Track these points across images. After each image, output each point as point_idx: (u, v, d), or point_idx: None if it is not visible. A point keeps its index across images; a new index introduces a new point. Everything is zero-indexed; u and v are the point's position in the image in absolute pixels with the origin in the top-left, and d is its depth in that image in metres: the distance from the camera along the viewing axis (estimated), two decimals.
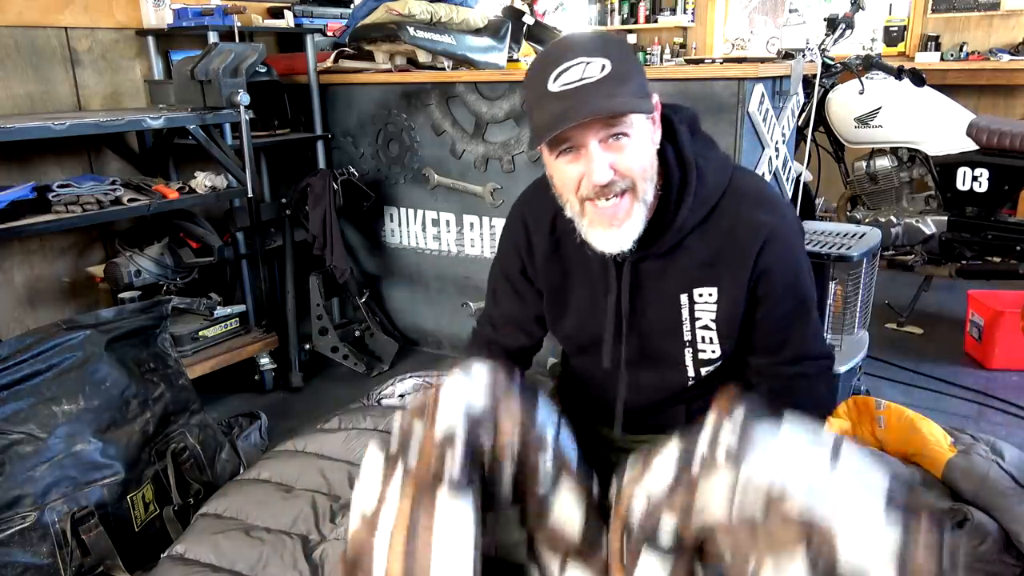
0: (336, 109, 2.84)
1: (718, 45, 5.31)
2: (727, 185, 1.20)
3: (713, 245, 1.19)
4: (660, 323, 1.26)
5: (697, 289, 1.22)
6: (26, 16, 2.33)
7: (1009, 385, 2.51)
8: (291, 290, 2.69)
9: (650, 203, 1.15)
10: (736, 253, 1.18)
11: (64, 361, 1.65)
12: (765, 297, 1.22)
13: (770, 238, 1.17)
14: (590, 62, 1.04)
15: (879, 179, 3.08)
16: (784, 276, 1.21)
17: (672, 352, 1.28)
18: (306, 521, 1.68)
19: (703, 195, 1.18)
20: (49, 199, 2.01)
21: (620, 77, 1.04)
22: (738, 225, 1.18)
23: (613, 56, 1.05)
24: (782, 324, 1.24)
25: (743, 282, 1.19)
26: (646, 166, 1.11)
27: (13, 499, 1.52)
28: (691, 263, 1.21)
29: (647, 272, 1.23)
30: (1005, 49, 4.10)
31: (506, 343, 1.44)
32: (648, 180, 1.13)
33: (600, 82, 1.03)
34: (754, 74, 2.03)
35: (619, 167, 1.08)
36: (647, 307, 1.25)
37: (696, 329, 1.25)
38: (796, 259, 1.23)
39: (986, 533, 1.54)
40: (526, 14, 3.01)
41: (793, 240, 1.23)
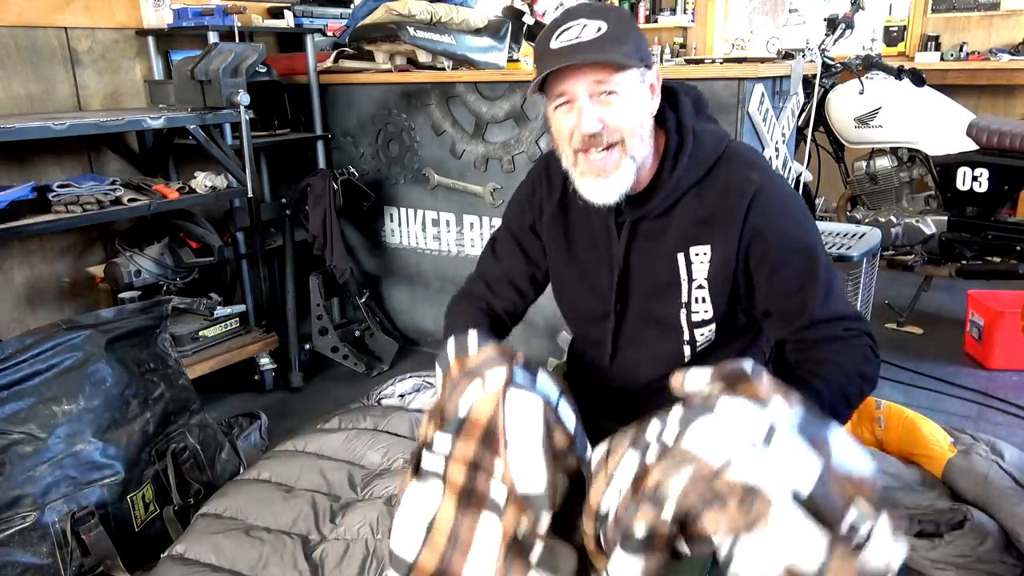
0: (336, 109, 2.84)
1: (718, 45, 5.31)
2: (723, 151, 1.25)
3: (708, 205, 1.24)
4: (658, 282, 1.30)
5: (693, 248, 1.26)
6: (26, 16, 2.33)
7: (1009, 385, 2.51)
8: (291, 290, 2.69)
9: (643, 162, 1.21)
10: (727, 211, 1.22)
11: (64, 361, 1.65)
12: (765, 258, 1.22)
13: (758, 194, 1.21)
14: (587, 24, 1.13)
15: (879, 179, 3.08)
16: (780, 235, 1.22)
17: (668, 315, 1.31)
18: (306, 521, 1.68)
19: (699, 157, 1.24)
20: (49, 199, 2.01)
21: (615, 38, 1.12)
22: (729, 184, 1.23)
23: (611, 20, 1.13)
24: (794, 287, 1.22)
25: (734, 239, 1.23)
26: (635, 125, 1.17)
27: (13, 499, 1.52)
28: (687, 223, 1.26)
29: (645, 232, 1.28)
30: (1005, 49, 4.10)
31: (499, 304, 1.45)
32: (638, 138, 1.18)
33: (593, 40, 1.12)
34: (754, 74, 2.03)
35: (608, 121, 1.16)
36: (646, 266, 1.30)
37: (692, 289, 1.28)
38: (791, 218, 1.24)
39: (986, 533, 1.54)
40: (526, 14, 3.01)
41: (784, 200, 1.24)
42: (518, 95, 2.39)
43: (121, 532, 1.63)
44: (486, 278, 1.47)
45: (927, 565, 1.57)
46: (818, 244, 1.25)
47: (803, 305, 1.22)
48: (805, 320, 1.22)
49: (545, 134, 2.37)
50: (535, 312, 2.58)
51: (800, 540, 0.83)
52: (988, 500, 1.62)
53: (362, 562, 1.55)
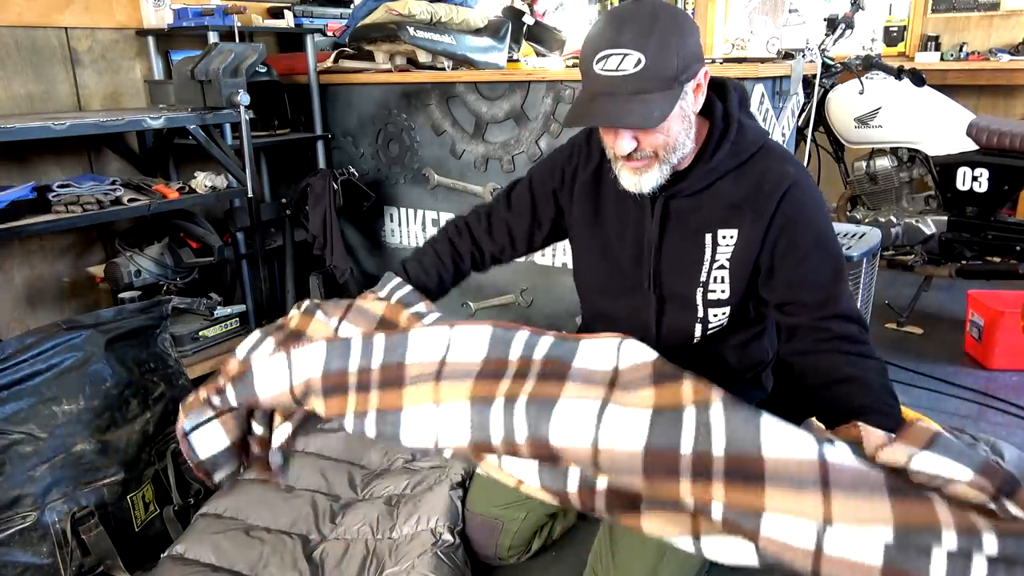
0: (336, 109, 2.84)
1: (718, 45, 5.31)
2: (762, 144, 1.31)
3: (741, 191, 1.29)
4: (682, 259, 1.35)
5: (721, 231, 1.31)
6: (26, 16, 2.33)
7: (1009, 385, 2.51)
8: (291, 290, 2.69)
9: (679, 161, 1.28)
10: (760, 198, 1.27)
11: (64, 361, 1.65)
12: (794, 247, 1.27)
13: (793, 187, 1.26)
14: (628, 55, 1.14)
15: (879, 179, 3.08)
16: (811, 227, 1.27)
17: (686, 292, 1.35)
18: (306, 521, 1.68)
19: (741, 145, 1.29)
20: (49, 199, 2.01)
21: (653, 72, 1.14)
22: (766, 174, 1.28)
23: (651, 49, 1.13)
24: (822, 278, 1.27)
25: (763, 225, 1.27)
26: (670, 140, 1.23)
27: (13, 499, 1.52)
28: (719, 205, 1.31)
29: (678, 210, 1.34)
30: (1005, 49, 4.10)
31: (487, 245, 1.54)
32: (672, 150, 1.24)
33: (629, 78, 1.14)
34: (754, 74, 2.03)
35: (643, 142, 1.22)
36: (673, 241, 1.35)
37: (712, 269, 1.33)
38: (822, 215, 1.30)
39: None
40: (526, 14, 3.00)
41: (816, 197, 1.30)
42: (518, 95, 2.39)
43: (121, 532, 1.63)
44: (490, 217, 1.55)
45: None
46: (840, 250, 1.31)
47: (830, 296, 1.27)
48: (830, 311, 1.27)
49: (545, 134, 2.37)
50: (535, 312, 2.59)
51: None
52: None
53: (362, 562, 1.55)
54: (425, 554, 1.51)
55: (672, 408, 0.95)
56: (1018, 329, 2.53)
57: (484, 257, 1.57)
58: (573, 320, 2.36)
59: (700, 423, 0.93)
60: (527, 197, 1.51)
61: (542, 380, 1.05)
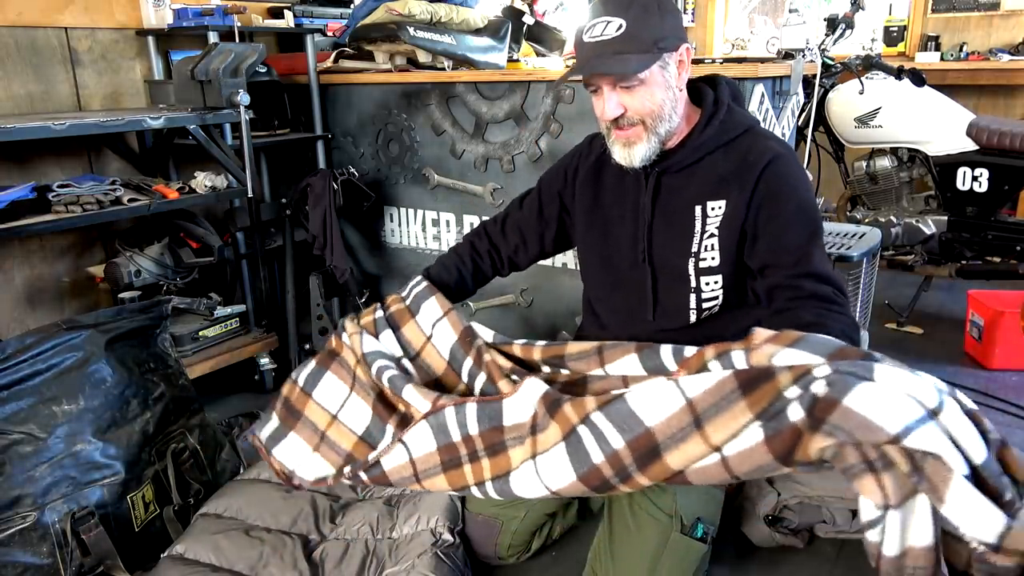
0: (336, 109, 2.84)
1: (718, 45, 5.31)
2: (751, 126, 1.42)
3: (729, 164, 1.39)
4: (674, 230, 1.43)
5: (710, 202, 1.40)
6: (26, 16, 2.33)
7: (1009, 385, 2.51)
8: (291, 290, 2.69)
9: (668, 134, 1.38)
10: (746, 170, 1.37)
11: (64, 361, 1.65)
12: (775, 215, 1.35)
13: (776, 159, 1.35)
14: (611, 21, 1.28)
15: (879, 179, 3.08)
16: (792, 196, 1.35)
17: (679, 264, 1.42)
18: (306, 521, 1.68)
19: (728, 124, 1.40)
20: (49, 199, 2.01)
21: (634, 35, 1.27)
22: (751, 148, 1.38)
23: (631, 16, 1.28)
24: (798, 243, 1.34)
25: (747, 193, 1.36)
26: (655, 107, 1.33)
27: (13, 499, 1.52)
28: (708, 179, 1.40)
29: (669, 185, 1.44)
30: (1005, 49, 4.10)
31: (503, 247, 1.67)
32: (660, 118, 1.35)
33: (614, 40, 1.28)
34: (754, 74, 2.03)
35: (629, 106, 1.33)
36: (665, 214, 1.44)
37: (703, 239, 1.40)
38: (802, 187, 1.38)
39: None
40: (526, 14, 3.00)
41: (798, 171, 1.39)
42: (518, 95, 2.39)
43: (121, 532, 1.63)
44: (505, 219, 1.68)
45: None
46: (820, 222, 1.38)
47: (804, 256, 1.33)
48: (803, 269, 1.32)
49: (545, 134, 2.37)
50: (535, 312, 2.58)
51: (981, 510, 0.84)
52: None
53: (362, 562, 1.55)
54: (425, 554, 1.51)
55: (571, 432, 1.09)
56: (1018, 329, 2.53)
57: (502, 257, 1.68)
58: (573, 320, 2.36)
59: (595, 434, 1.06)
60: (535, 198, 1.65)
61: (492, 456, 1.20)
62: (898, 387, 0.91)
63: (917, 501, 0.86)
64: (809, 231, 1.34)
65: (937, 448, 0.85)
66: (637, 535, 1.42)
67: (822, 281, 1.31)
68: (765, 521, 1.65)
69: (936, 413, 0.88)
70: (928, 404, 0.89)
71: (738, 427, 0.94)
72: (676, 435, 0.98)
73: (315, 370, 1.42)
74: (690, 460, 0.98)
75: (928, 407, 0.89)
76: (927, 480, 0.85)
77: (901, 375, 0.93)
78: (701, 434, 0.97)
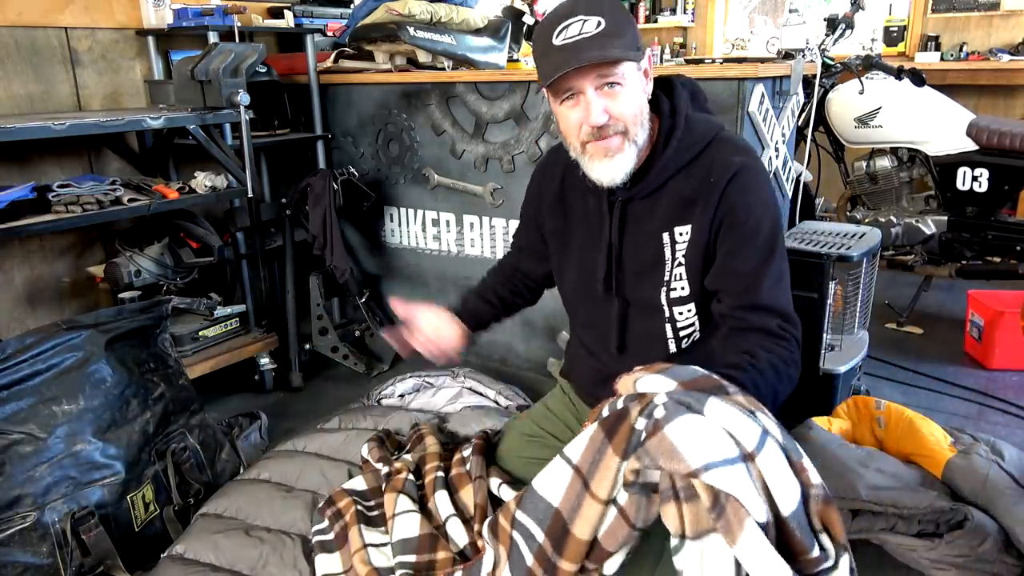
0: (336, 109, 2.84)
1: (718, 45, 5.31)
2: (713, 136, 1.33)
3: (692, 185, 1.32)
4: (644, 262, 1.37)
5: (677, 228, 1.34)
6: (26, 16, 2.33)
7: (1009, 385, 2.51)
8: (291, 290, 2.69)
9: (641, 146, 1.30)
10: (708, 189, 1.30)
11: (64, 361, 1.65)
12: (730, 234, 1.29)
13: (738, 173, 1.28)
14: (587, 19, 1.21)
15: (879, 179, 3.08)
16: (748, 215, 1.29)
17: (652, 296, 1.38)
18: (306, 521, 1.68)
19: (689, 141, 1.32)
20: (49, 199, 2.00)
21: (613, 32, 1.21)
22: (714, 165, 1.31)
23: (607, 14, 1.22)
24: (749, 267, 1.28)
25: (710, 214, 1.30)
26: (636, 112, 1.27)
27: (13, 499, 1.52)
28: (673, 203, 1.33)
29: (635, 212, 1.37)
30: (1005, 49, 4.10)
31: (526, 269, 1.68)
32: (639, 125, 1.28)
33: (594, 36, 1.20)
34: (754, 74, 2.03)
35: (613, 111, 1.25)
36: (634, 245, 1.39)
37: (673, 268, 1.36)
38: (762, 203, 1.30)
39: (986, 533, 1.54)
40: (526, 14, 3.01)
41: (760, 185, 1.31)
42: (518, 95, 2.39)
43: (121, 532, 1.63)
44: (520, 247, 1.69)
45: (927, 565, 1.57)
46: (780, 235, 1.31)
47: (751, 286, 1.28)
48: (748, 301, 1.27)
49: (545, 134, 2.37)
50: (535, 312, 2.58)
51: (768, 561, 0.84)
52: (988, 500, 1.62)
53: None
54: None
55: (510, 543, 1.09)
56: (1018, 329, 2.53)
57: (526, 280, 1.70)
58: None
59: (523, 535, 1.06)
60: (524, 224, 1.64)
61: None
62: (721, 424, 0.91)
63: (712, 539, 0.87)
64: (763, 254, 1.28)
65: (737, 490, 0.86)
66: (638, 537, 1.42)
67: (768, 313, 1.26)
68: None
69: (750, 457, 0.89)
70: (745, 446, 0.89)
71: (612, 473, 0.95)
72: (574, 504, 0.98)
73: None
74: (592, 524, 0.97)
75: (744, 449, 0.89)
76: (724, 519, 0.85)
77: (732, 413, 0.92)
78: (590, 494, 0.97)
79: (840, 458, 1.72)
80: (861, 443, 1.89)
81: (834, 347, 2.25)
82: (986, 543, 1.53)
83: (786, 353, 1.23)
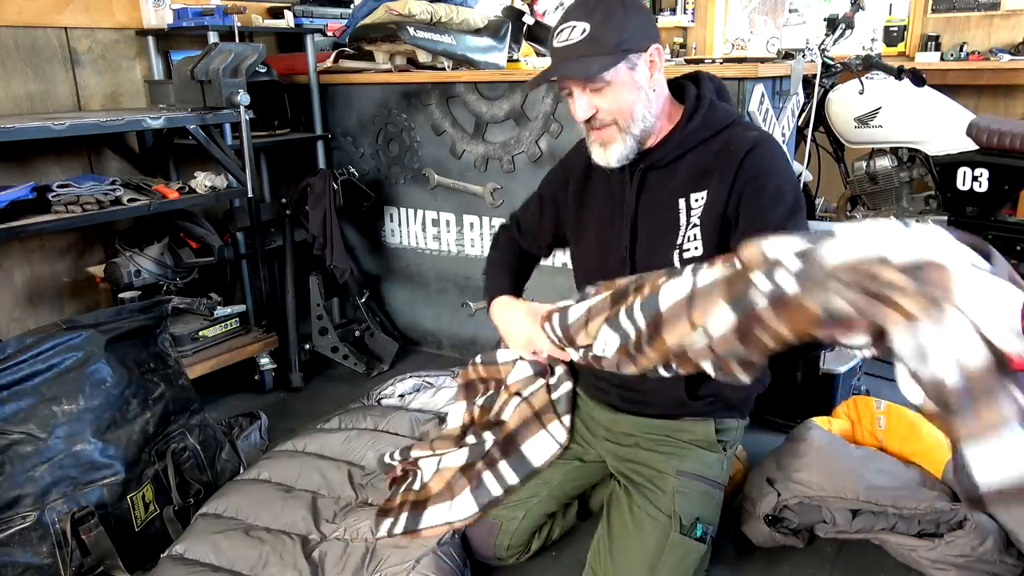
0: (336, 109, 2.84)
1: (718, 45, 5.31)
2: (732, 120, 1.43)
3: (709, 158, 1.40)
4: (660, 226, 1.44)
5: (693, 194, 1.41)
6: (26, 16, 2.33)
7: None
8: (291, 290, 2.69)
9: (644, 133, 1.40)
10: (726, 160, 1.38)
11: (64, 361, 1.65)
12: (754, 199, 1.35)
13: (756, 146, 1.37)
14: (576, 26, 1.32)
15: (879, 179, 3.08)
16: (771, 180, 1.35)
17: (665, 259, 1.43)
18: (306, 521, 1.68)
19: (710, 120, 1.41)
20: (49, 199, 2.00)
21: (598, 38, 1.30)
22: (731, 139, 1.40)
23: (595, 19, 1.31)
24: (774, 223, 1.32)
25: (728, 181, 1.37)
26: (625, 107, 1.35)
27: (13, 499, 1.52)
28: (690, 173, 1.42)
29: (653, 181, 1.46)
30: (1005, 49, 4.10)
31: (524, 243, 1.75)
32: (632, 118, 1.36)
33: (577, 45, 1.31)
34: (754, 74, 2.03)
35: (599, 107, 1.36)
36: (652, 212, 1.46)
37: (687, 231, 1.42)
38: (783, 172, 1.38)
39: (986, 533, 1.54)
40: (526, 14, 3.00)
41: (779, 158, 1.39)
42: (518, 95, 2.39)
43: (121, 532, 1.63)
44: (519, 224, 1.76)
45: (927, 565, 1.57)
46: (803, 203, 1.38)
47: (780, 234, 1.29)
48: None
49: (545, 134, 2.37)
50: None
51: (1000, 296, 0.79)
52: None
53: (361, 561, 1.55)
54: (425, 555, 1.51)
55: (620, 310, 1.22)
56: None
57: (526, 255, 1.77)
58: None
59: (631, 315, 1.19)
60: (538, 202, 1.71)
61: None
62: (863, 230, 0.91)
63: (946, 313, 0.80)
64: (786, 211, 1.34)
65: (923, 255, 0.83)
66: (637, 535, 1.43)
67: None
68: (765, 521, 1.65)
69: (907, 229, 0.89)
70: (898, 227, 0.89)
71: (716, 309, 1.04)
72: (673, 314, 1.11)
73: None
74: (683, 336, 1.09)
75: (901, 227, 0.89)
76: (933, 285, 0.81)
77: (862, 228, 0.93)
78: (689, 317, 1.08)
79: (840, 458, 1.72)
80: (861, 443, 1.89)
81: (834, 347, 2.25)
82: (986, 543, 1.53)
83: None
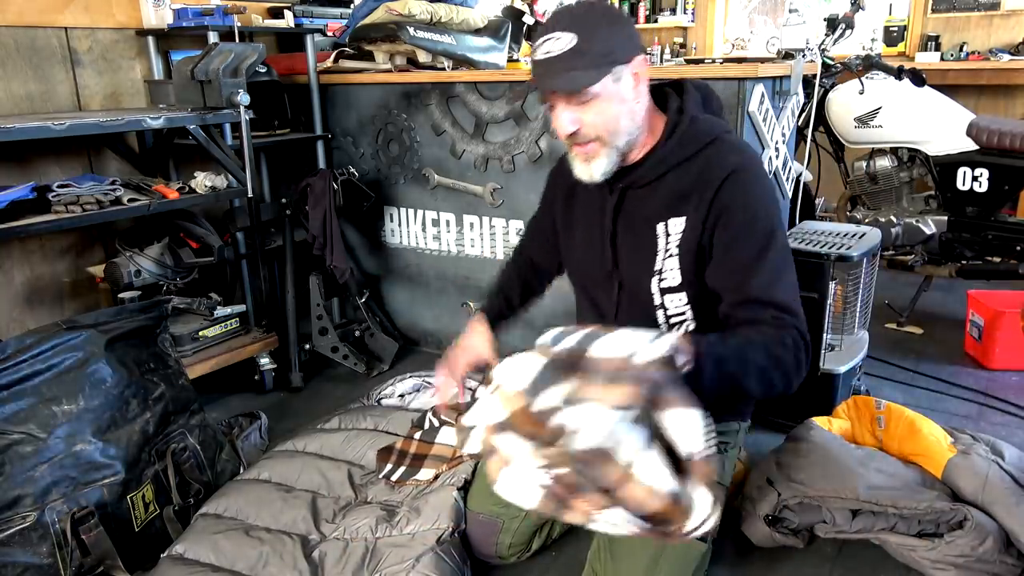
0: (336, 109, 2.84)
1: (718, 45, 5.31)
2: (715, 137, 1.36)
3: (690, 180, 1.35)
4: (638, 249, 1.42)
5: (671, 219, 1.37)
6: (26, 16, 2.33)
7: (1009, 385, 2.51)
8: (291, 290, 2.69)
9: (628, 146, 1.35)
10: (703, 185, 1.33)
11: (64, 361, 1.65)
12: (726, 232, 1.31)
13: (734, 173, 1.31)
14: (560, 37, 1.26)
15: (879, 179, 3.08)
16: (745, 213, 1.31)
17: (644, 283, 1.41)
18: (306, 521, 1.68)
19: (690, 136, 1.35)
20: (49, 199, 2.00)
21: (583, 50, 1.24)
22: (711, 163, 1.34)
23: (581, 31, 1.25)
24: (742, 264, 1.29)
25: (703, 210, 1.33)
26: (610, 121, 1.30)
27: (13, 499, 1.52)
28: (669, 195, 1.38)
29: (632, 200, 1.42)
30: (1005, 49, 4.10)
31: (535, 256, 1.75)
32: (616, 132, 1.31)
33: (561, 57, 1.25)
34: (754, 74, 2.03)
35: (584, 122, 1.30)
36: (627, 231, 1.43)
37: (665, 259, 1.39)
38: (760, 202, 1.33)
39: (986, 533, 1.54)
40: (526, 14, 3.01)
41: (758, 185, 1.34)
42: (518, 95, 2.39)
43: (121, 532, 1.63)
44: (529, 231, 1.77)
45: (927, 565, 1.57)
46: (778, 233, 1.32)
47: (743, 282, 1.28)
48: (740, 296, 1.28)
49: (545, 134, 2.37)
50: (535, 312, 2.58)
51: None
52: (988, 500, 1.62)
53: (361, 561, 1.55)
54: (425, 553, 1.51)
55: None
56: (1018, 329, 2.53)
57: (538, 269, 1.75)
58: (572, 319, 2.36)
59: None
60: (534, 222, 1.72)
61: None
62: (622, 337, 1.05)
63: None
64: (756, 250, 1.28)
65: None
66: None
67: (762, 305, 1.26)
68: (765, 521, 1.65)
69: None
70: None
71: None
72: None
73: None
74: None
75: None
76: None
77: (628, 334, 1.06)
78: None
79: (840, 458, 1.72)
80: (861, 443, 1.89)
81: (834, 347, 2.25)
82: (986, 543, 1.53)
83: (776, 334, 1.22)
